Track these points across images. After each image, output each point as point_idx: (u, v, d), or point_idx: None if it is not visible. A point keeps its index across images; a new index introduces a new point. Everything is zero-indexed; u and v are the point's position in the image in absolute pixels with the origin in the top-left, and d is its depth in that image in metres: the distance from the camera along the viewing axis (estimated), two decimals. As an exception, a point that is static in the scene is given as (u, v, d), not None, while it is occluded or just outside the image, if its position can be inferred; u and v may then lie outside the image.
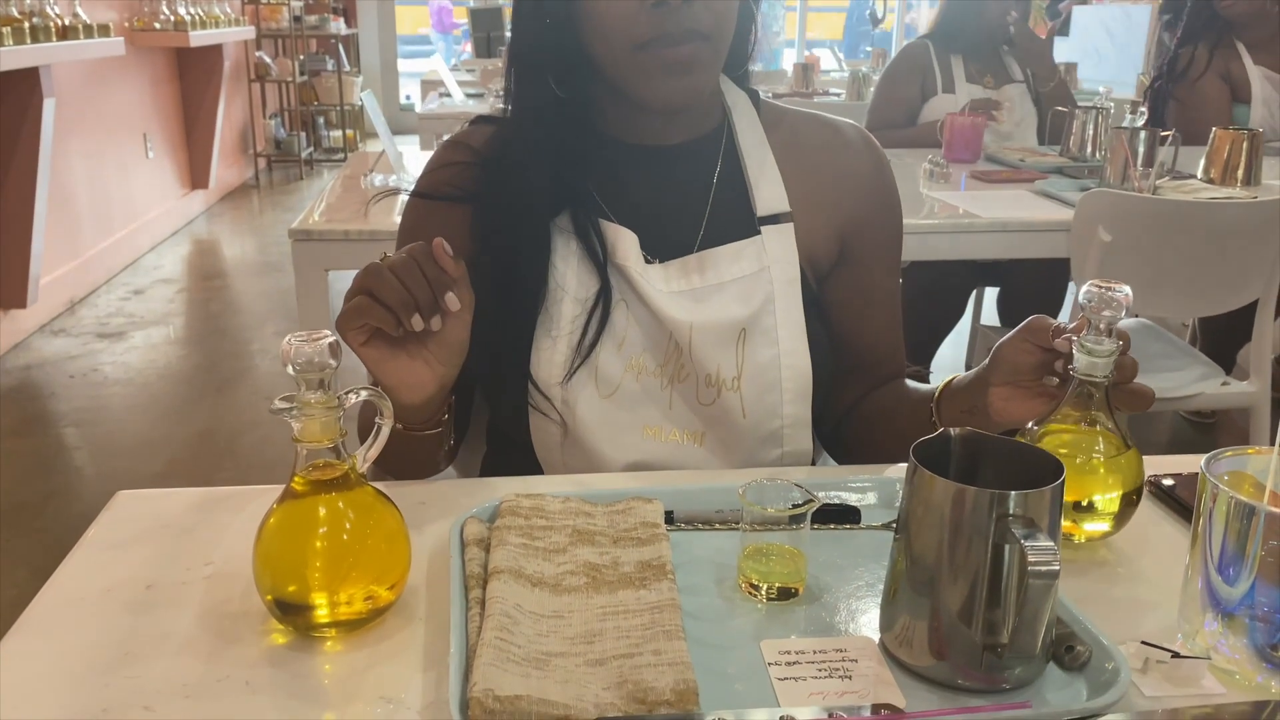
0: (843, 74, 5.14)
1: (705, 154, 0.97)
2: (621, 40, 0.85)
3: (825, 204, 0.97)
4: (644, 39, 0.84)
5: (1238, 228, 1.81)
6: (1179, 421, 2.88)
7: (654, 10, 0.83)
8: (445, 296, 0.78)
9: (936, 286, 2.53)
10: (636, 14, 0.84)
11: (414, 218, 1.00)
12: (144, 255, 4.68)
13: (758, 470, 0.90)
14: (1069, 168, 2.43)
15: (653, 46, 0.85)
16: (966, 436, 0.66)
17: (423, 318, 0.77)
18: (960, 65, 2.84)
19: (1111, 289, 0.71)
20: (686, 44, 0.85)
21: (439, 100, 3.98)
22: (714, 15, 0.86)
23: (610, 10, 0.85)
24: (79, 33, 3.49)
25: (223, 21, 5.43)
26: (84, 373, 3.29)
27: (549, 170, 0.92)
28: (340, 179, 2.31)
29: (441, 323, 0.79)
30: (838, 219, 0.98)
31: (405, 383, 0.81)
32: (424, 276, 0.77)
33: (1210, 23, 2.87)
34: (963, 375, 0.88)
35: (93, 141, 4.24)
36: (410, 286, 0.76)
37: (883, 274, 1.01)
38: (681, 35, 0.84)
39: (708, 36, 0.86)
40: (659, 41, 0.84)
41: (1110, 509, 0.75)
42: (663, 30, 0.84)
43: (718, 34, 0.87)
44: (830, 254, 0.99)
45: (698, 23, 0.85)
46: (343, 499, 0.65)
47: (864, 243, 0.99)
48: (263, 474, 2.60)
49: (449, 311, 0.79)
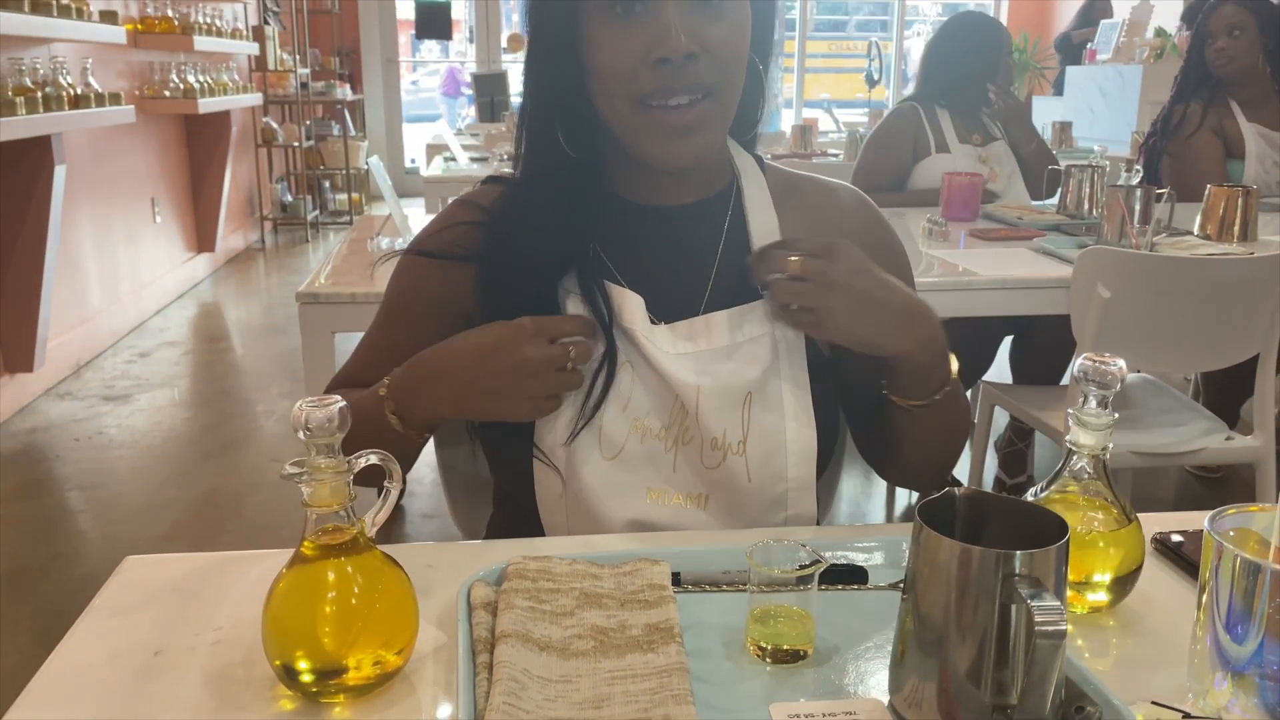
0: (840, 135, 5.21)
1: (713, 216, 0.99)
2: (625, 98, 0.87)
3: None
4: (647, 96, 0.86)
5: (1236, 283, 1.83)
6: (1185, 477, 2.87)
7: (656, 67, 0.84)
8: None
9: (972, 338, 2.53)
10: (639, 71, 0.85)
11: (413, 272, 1.01)
12: (150, 318, 4.72)
13: (764, 531, 0.90)
14: (1066, 225, 2.46)
15: (656, 104, 0.86)
16: (971, 496, 0.67)
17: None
18: (949, 124, 2.89)
19: (1106, 362, 0.72)
20: (690, 101, 0.86)
21: (444, 164, 4.04)
22: (718, 72, 0.87)
23: (614, 68, 0.86)
24: (91, 101, 3.55)
25: (231, 89, 5.53)
26: (89, 435, 3.30)
27: (557, 231, 0.94)
28: (347, 242, 2.34)
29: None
30: None
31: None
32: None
33: (1204, 80, 2.93)
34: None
35: (101, 206, 4.30)
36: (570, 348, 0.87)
37: None
38: (684, 91, 0.86)
39: (712, 93, 0.87)
40: (662, 97, 0.86)
41: (1111, 582, 0.74)
42: (665, 86, 0.85)
43: (723, 91, 0.88)
44: None
45: (701, 79, 0.86)
46: (352, 563, 0.66)
47: None
48: (267, 537, 2.59)
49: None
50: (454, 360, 0.89)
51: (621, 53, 0.85)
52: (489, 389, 0.87)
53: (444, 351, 0.90)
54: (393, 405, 0.90)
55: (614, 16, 0.85)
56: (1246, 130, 2.87)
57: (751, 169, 1.00)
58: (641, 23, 0.85)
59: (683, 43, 0.83)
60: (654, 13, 0.84)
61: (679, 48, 0.83)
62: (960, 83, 2.87)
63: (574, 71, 0.89)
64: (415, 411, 0.90)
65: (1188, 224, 2.38)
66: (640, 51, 0.85)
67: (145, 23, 4.77)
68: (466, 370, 0.87)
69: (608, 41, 0.86)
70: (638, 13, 0.85)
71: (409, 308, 1.01)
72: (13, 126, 3.00)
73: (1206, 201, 2.33)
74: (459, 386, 0.88)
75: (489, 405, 0.88)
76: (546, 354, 0.85)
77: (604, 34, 0.86)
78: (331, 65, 7.69)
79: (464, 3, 8.97)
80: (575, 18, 0.87)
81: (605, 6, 0.85)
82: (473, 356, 0.87)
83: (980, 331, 2.56)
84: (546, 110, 0.92)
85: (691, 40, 0.84)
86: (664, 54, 0.84)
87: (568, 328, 0.87)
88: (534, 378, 0.86)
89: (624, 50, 0.85)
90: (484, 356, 0.87)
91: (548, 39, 0.90)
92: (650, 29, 0.84)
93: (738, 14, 0.88)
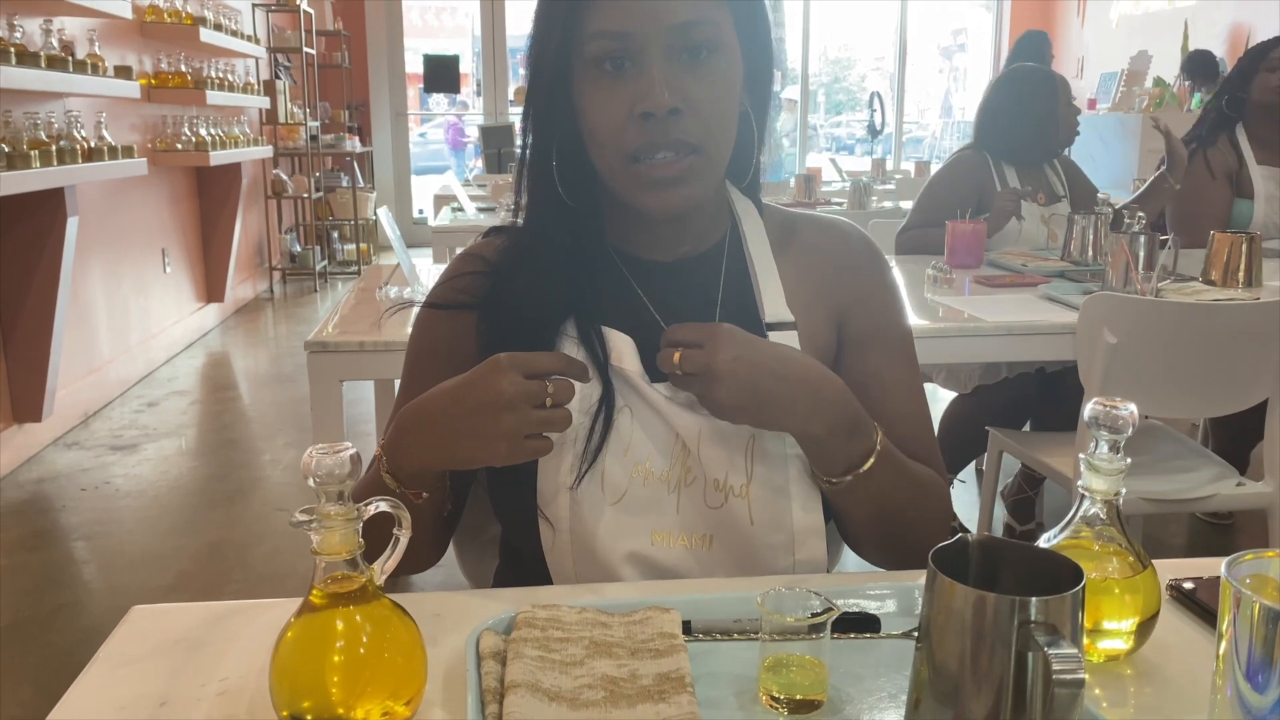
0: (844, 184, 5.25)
1: (711, 267, 0.99)
2: (615, 152, 0.88)
3: (822, 297, 1.00)
4: (634, 151, 0.87)
5: (1242, 329, 1.83)
6: (1196, 523, 2.85)
7: (642, 121, 0.86)
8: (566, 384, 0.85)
9: (1004, 408, 2.51)
10: (626, 126, 0.87)
11: (424, 325, 1.03)
12: (159, 368, 4.73)
13: (775, 578, 0.89)
14: (1071, 272, 2.47)
15: (643, 159, 0.87)
16: (985, 542, 0.66)
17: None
18: (1013, 176, 2.81)
19: (1117, 407, 0.71)
20: (675, 156, 0.87)
21: (452, 214, 4.08)
22: (704, 129, 0.88)
23: (603, 123, 0.88)
24: (104, 154, 3.60)
25: (242, 141, 5.60)
26: (96, 485, 3.30)
27: (556, 279, 0.95)
28: (355, 292, 2.35)
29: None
30: (833, 307, 1.00)
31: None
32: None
33: (1222, 122, 2.94)
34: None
35: (112, 257, 4.34)
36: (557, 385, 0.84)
37: (882, 359, 1.01)
38: (669, 146, 0.87)
39: (697, 149, 0.88)
40: (648, 152, 0.87)
41: (1128, 629, 0.74)
42: (651, 141, 0.86)
43: (709, 147, 0.89)
44: (831, 345, 1.00)
45: (686, 135, 0.87)
46: (360, 612, 0.65)
47: (858, 326, 1.00)
48: (272, 586, 2.57)
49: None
50: (432, 405, 0.87)
51: (610, 109, 0.87)
52: (466, 429, 0.83)
53: (424, 398, 0.88)
54: (386, 463, 0.89)
55: (603, 74, 0.87)
56: (1255, 171, 2.89)
57: (750, 214, 1.01)
58: (628, 79, 0.86)
59: (666, 98, 0.85)
60: (640, 69, 0.86)
61: (663, 103, 0.85)
62: (1017, 138, 2.80)
63: (569, 125, 0.91)
64: (404, 465, 0.88)
65: (1192, 270, 2.38)
66: (626, 107, 0.86)
67: (159, 77, 4.85)
68: (444, 413, 0.85)
69: (597, 98, 0.88)
70: (625, 70, 0.86)
71: (428, 363, 1.01)
72: (26, 179, 3.04)
73: (1211, 247, 2.33)
74: (439, 430, 0.85)
75: (469, 447, 0.84)
76: (521, 388, 0.82)
77: (593, 91, 0.88)
78: (341, 118, 7.81)
79: (471, 57, 9.11)
80: (568, 74, 0.89)
81: (595, 64, 0.87)
82: (449, 398, 0.85)
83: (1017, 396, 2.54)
84: (544, 162, 0.93)
85: (675, 96, 0.85)
86: (648, 108, 0.85)
87: (547, 364, 0.85)
88: (509, 412, 0.82)
89: (612, 106, 0.87)
90: (460, 397, 0.84)
91: (543, 94, 0.91)
92: (636, 85, 0.86)
93: (725, 71, 0.89)
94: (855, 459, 0.88)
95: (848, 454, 0.88)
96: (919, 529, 0.95)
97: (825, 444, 0.88)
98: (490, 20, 8.66)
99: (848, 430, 0.88)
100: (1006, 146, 2.83)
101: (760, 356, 0.85)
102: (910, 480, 0.94)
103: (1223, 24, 6.86)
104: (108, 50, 4.07)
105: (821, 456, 0.89)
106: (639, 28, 0.85)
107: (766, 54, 0.95)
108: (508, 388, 0.82)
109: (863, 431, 0.89)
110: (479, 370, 0.84)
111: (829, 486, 0.90)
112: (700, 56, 0.87)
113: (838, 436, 0.87)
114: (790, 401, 0.85)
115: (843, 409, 0.88)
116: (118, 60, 4.25)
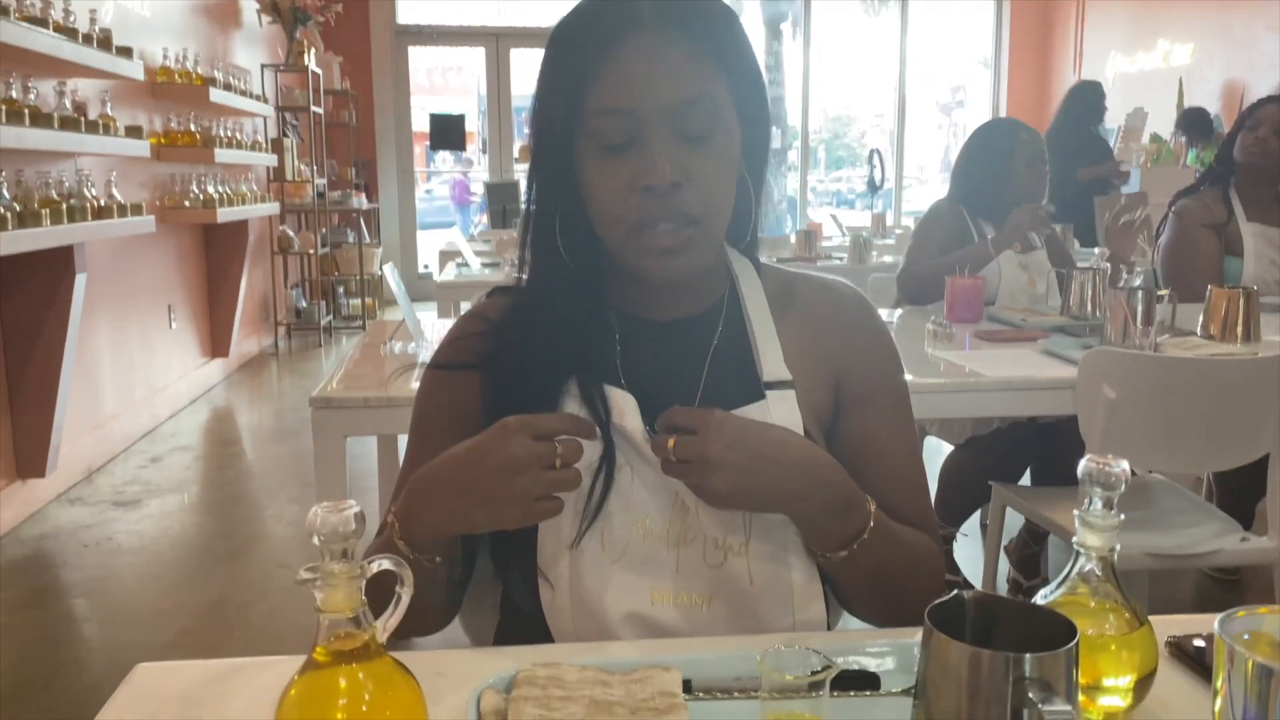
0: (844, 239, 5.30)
1: (709, 326, 1.01)
2: (617, 223, 0.91)
3: (820, 357, 1.01)
4: (636, 221, 0.89)
5: (1242, 383, 1.84)
6: (1202, 579, 2.83)
7: (643, 195, 0.88)
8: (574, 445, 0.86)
9: (1002, 459, 2.51)
10: (627, 198, 0.89)
11: (429, 387, 1.04)
12: (163, 423, 4.75)
13: (775, 636, 0.90)
14: (1070, 326, 2.49)
15: (644, 229, 0.90)
16: (980, 599, 0.67)
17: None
18: (991, 231, 2.85)
19: (1109, 464, 0.72)
20: (675, 227, 0.89)
21: (457, 269, 4.12)
22: (703, 200, 0.90)
23: (605, 193, 0.90)
24: (113, 212, 3.65)
25: (249, 198, 5.67)
26: (98, 542, 3.29)
27: (559, 338, 0.96)
28: (360, 347, 2.37)
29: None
30: (831, 369, 1.01)
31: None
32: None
33: (1219, 179, 2.98)
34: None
35: (119, 313, 4.37)
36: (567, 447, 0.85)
37: (878, 420, 1.02)
38: (670, 218, 0.89)
39: (697, 221, 0.90)
40: (649, 223, 0.89)
41: (1126, 686, 0.74)
42: (652, 214, 0.89)
43: (708, 217, 0.91)
44: (828, 405, 1.01)
45: (687, 207, 0.89)
46: (363, 670, 0.66)
47: (855, 386, 1.01)
48: (273, 644, 2.56)
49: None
50: (444, 471, 0.87)
51: (612, 182, 0.89)
52: (480, 495, 0.84)
53: (435, 466, 0.89)
54: (399, 530, 0.89)
55: (605, 149, 0.89)
56: (1246, 229, 2.91)
57: (749, 274, 1.03)
58: (630, 154, 0.88)
59: (667, 174, 0.87)
60: (642, 145, 0.88)
61: (664, 178, 0.87)
62: (989, 189, 2.84)
63: (572, 191, 0.93)
64: (419, 532, 0.88)
65: (1190, 325, 2.40)
66: (628, 180, 0.88)
67: (169, 136, 4.93)
68: (456, 478, 0.86)
69: (599, 172, 0.90)
70: (627, 145, 0.89)
71: (433, 426, 1.02)
72: (36, 238, 3.08)
73: (1208, 302, 2.35)
74: (451, 497, 0.86)
75: (482, 512, 0.85)
76: (531, 451, 0.83)
77: (596, 165, 0.90)
78: (348, 175, 7.90)
79: (477, 115, 9.25)
80: (570, 146, 0.91)
81: (597, 139, 0.89)
82: (460, 464, 0.86)
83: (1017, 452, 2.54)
84: (548, 225, 0.96)
85: (676, 171, 0.88)
86: (649, 183, 0.87)
87: (555, 425, 0.86)
88: (521, 475, 0.83)
89: (614, 180, 0.89)
90: (471, 462, 0.85)
91: (546, 165, 0.94)
92: (638, 160, 0.88)
93: (724, 145, 0.91)
94: (850, 535, 0.90)
95: (842, 531, 0.90)
96: (913, 593, 0.94)
97: (820, 523, 0.89)
98: (495, 80, 8.82)
99: (841, 509, 0.89)
100: (976, 198, 2.88)
101: (755, 441, 0.86)
102: (905, 550, 0.95)
103: (1216, 81, 6.97)
104: (119, 110, 4.14)
105: (816, 534, 0.90)
106: (641, 106, 0.88)
107: (764, 122, 0.98)
108: (517, 451, 0.83)
109: (856, 508, 0.90)
110: (488, 435, 0.85)
111: (824, 560, 0.91)
112: (700, 133, 0.89)
113: (831, 515, 0.89)
114: (785, 485, 0.86)
115: (836, 489, 0.89)
116: (129, 120, 4.33)
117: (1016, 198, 2.84)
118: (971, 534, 3.08)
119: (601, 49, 0.88)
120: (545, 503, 0.84)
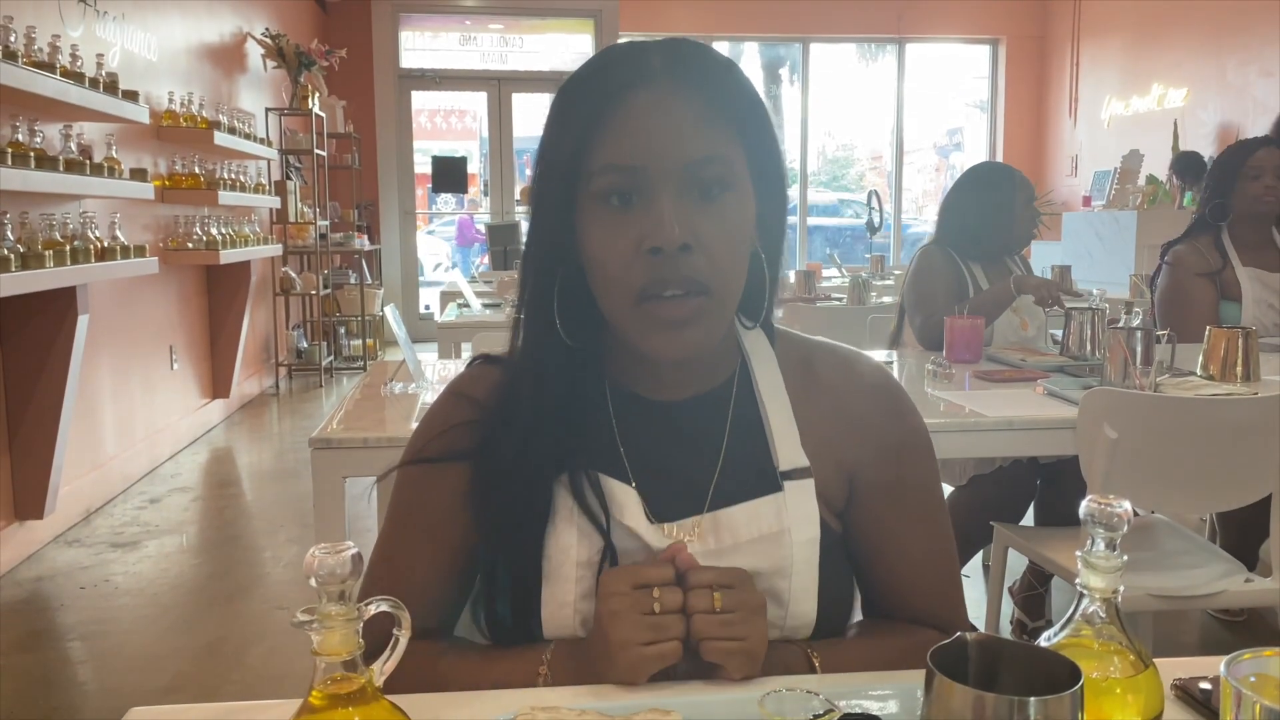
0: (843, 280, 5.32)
1: (717, 407, 0.95)
2: (622, 289, 0.85)
3: (837, 445, 0.95)
4: (642, 288, 0.84)
5: (1243, 423, 1.84)
6: (1208, 621, 2.81)
7: (650, 257, 0.83)
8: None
9: (1004, 499, 2.50)
10: (634, 262, 0.84)
11: (416, 489, 0.97)
12: (163, 464, 4.73)
13: (776, 679, 0.89)
14: (1070, 366, 2.49)
15: (651, 297, 0.84)
16: (984, 642, 0.66)
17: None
18: (980, 273, 2.86)
19: (1111, 504, 0.72)
20: (683, 294, 0.84)
21: (458, 310, 4.13)
22: (713, 268, 0.85)
23: (610, 258, 0.85)
24: (116, 254, 3.67)
25: (252, 240, 5.70)
26: (95, 584, 3.27)
27: (553, 424, 0.91)
28: (360, 388, 2.37)
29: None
30: (847, 461, 0.96)
31: None
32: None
33: (1210, 225, 2.99)
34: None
35: (121, 354, 4.38)
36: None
37: (896, 518, 0.96)
38: (678, 283, 0.84)
39: (706, 289, 0.85)
40: (657, 288, 0.84)
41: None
42: (659, 278, 0.84)
43: (718, 289, 0.86)
44: (840, 496, 0.96)
45: (696, 273, 0.84)
46: (360, 713, 0.65)
47: (871, 480, 0.96)
48: (270, 686, 2.53)
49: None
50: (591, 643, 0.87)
51: (617, 244, 0.84)
52: (601, 653, 0.84)
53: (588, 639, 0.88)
54: (551, 680, 0.88)
55: (611, 208, 0.85)
56: (1242, 274, 2.92)
57: (762, 350, 0.97)
58: (637, 214, 0.84)
59: (676, 234, 0.82)
60: (650, 204, 0.84)
61: (673, 238, 0.82)
62: (985, 232, 2.84)
63: (573, 263, 0.89)
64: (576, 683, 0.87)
65: (1189, 365, 2.40)
66: (635, 242, 0.84)
67: (173, 179, 4.97)
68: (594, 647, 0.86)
69: (604, 233, 0.85)
70: (634, 204, 0.84)
71: (413, 522, 0.97)
72: (39, 279, 3.09)
73: (1207, 343, 2.36)
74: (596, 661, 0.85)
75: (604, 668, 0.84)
76: (629, 601, 0.83)
77: (600, 225, 0.85)
78: (351, 217, 7.96)
79: (479, 158, 9.34)
80: (573, 207, 0.87)
81: (602, 198, 0.85)
82: (596, 633, 0.86)
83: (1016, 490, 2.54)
84: (545, 300, 0.90)
85: (686, 232, 0.83)
86: (657, 244, 0.82)
87: (652, 576, 0.85)
88: (621, 623, 0.83)
89: (620, 241, 0.84)
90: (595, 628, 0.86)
91: (546, 231, 0.89)
92: (645, 219, 0.83)
93: (737, 209, 0.87)
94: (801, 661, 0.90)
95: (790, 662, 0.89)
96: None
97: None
98: (498, 123, 8.91)
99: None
100: (968, 240, 2.87)
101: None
102: (889, 655, 0.91)
103: (1211, 124, 7.04)
104: (124, 153, 4.18)
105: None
106: (651, 163, 0.83)
107: (780, 193, 0.93)
108: (618, 607, 0.83)
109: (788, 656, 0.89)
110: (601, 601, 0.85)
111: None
112: (712, 194, 0.85)
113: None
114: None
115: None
116: (134, 162, 4.36)
117: (1009, 240, 2.86)
118: (974, 575, 3.06)
119: (609, 102, 0.84)
120: (654, 649, 0.83)
